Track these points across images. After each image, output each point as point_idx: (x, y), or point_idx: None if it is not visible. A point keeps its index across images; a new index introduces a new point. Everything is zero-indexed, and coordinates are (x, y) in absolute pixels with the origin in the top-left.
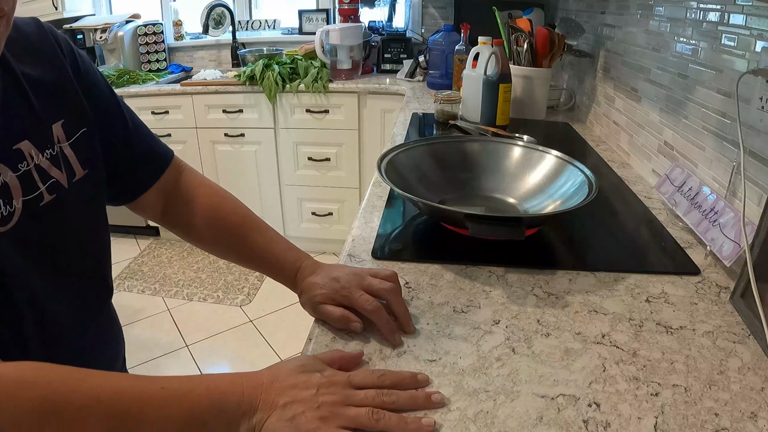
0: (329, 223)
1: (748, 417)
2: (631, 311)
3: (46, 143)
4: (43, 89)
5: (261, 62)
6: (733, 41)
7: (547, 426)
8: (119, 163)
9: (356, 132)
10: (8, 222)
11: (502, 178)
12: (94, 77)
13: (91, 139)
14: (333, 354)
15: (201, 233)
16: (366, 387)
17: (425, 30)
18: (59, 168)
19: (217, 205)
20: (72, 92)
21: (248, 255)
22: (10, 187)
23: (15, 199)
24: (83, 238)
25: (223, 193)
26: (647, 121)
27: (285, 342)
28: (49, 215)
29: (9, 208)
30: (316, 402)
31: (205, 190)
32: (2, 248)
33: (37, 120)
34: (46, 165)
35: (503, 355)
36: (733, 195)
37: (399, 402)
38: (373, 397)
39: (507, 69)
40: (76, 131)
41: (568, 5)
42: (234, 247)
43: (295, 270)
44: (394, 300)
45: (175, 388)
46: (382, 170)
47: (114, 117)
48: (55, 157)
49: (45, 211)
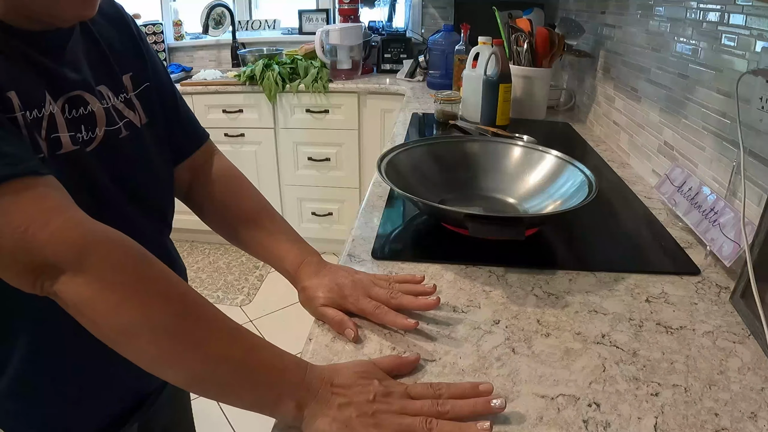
0: (329, 223)
1: (748, 417)
2: (631, 311)
3: (119, 89)
4: (116, 45)
5: (261, 62)
6: (733, 41)
7: (547, 426)
8: (166, 126)
9: (356, 132)
10: (89, 144)
11: (502, 178)
12: (149, 46)
13: (152, 93)
14: (391, 360)
15: (215, 215)
16: (424, 398)
17: (425, 30)
18: (132, 110)
19: (237, 194)
20: (137, 50)
21: (256, 245)
22: (96, 116)
23: (98, 127)
24: (150, 176)
25: (246, 183)
26: (647, 121)
27: (285, 342)
28: (125, 147)
29: (91, 134)
30: (371, 408)
31: (230, 176)
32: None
33: (111, 70)
34: (121, 107)
35: (503, 355)
36: (733, 195)
37: (455, 410)
38: (429, 407)
39: (507, 69)
40: (141, 84)
41: (568, 5)
42: (245, 236)
43: (297, 265)
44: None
45: (247, 335)
46: (382, 170)
47: (166, 84)
48: (128, 100)
49: (122, 144)
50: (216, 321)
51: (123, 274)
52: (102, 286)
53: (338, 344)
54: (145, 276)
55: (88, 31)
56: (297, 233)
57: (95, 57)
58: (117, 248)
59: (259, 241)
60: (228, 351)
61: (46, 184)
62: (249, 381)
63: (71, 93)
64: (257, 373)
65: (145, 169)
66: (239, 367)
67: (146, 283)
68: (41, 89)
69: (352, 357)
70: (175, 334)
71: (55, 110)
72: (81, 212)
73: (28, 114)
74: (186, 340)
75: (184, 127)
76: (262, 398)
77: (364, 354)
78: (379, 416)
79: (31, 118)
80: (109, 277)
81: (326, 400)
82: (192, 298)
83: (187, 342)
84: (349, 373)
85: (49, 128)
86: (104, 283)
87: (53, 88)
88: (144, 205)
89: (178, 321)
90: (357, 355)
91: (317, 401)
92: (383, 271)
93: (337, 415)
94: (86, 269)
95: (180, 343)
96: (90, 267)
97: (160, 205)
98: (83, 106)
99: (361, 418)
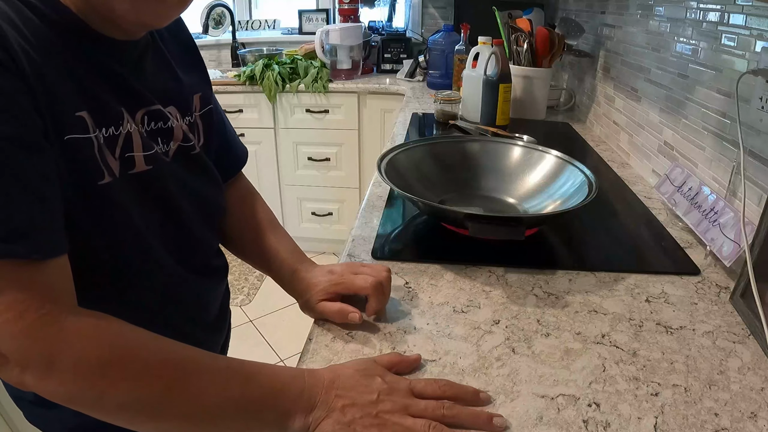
0: (329, 223)
1: (748, 417)
2: (631, 311)
3: (187, 110)
4: (183, 62)
5: (261, 62)
6: (733, 41)
7: (547, 426)
8: (218, 149)
9: (356, 132)
10: (166, 156)
11: (502, 178)
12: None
13: (212, 115)
14: (392, 357)
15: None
16: (427, 396)
17: (425, 30)
18: (193, 132)
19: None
20: (201, 68)
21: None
22: (173, 132)
23: (174, 141)
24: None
25: (257, 195)
26: (647, 121)
27: (285, 342)
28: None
29: (165, 148)
30: (375, 408)
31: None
32: (165, 173)
33: (181, 90)
34: (186, 128)
35: (503, 355)
36: (733, 195)
37: (459, 417)
38: (434, 409)
39: (507, 69)
40: (207, 105)
41: (568, 5)
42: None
43: (291, 272)
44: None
45: (239, 368)
46: (382, 170)
47: (218, 108)
48: (192, 123)
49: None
50: (205, 368)
51: (97, 368)
52: (78, 385)
53: (338, 344)
54: (122, 361)
55: (157, 47)
56: (294, 243)
57: (167, 75)
58: (89, 344)
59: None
60: (225, 393)
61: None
62: (253, 414)
63: (152, 107)
64: (259, 403)
65: (208, 181)
66: (240, 404)
67: (124, 368)
68: (119, 106)
69: (353, 357)
70: (171, 403)
71: (132, 128)
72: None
73: (103, 132)
74: (182, 403)
75: (232, 148)
76: (270, 423)
77: (364, 354)
78: (383, 416)
79: (106, 136)
80: (84, 375)
81: (329, 403)
82: (175, 358)
83: (183, 404)
84: (351, 372)
85: (125, 146)
86: (79, 383)
87: (133, 103)
88: (210, 217)
89: (167, 391)
90: (357, 355)
91: (320, 406)
92: None
93: (340, 417)
94: (57, 369)
95: (176, 407)
96: (61, 367)
97: (221, 215)
98: (163, 120)
99: (365, 419)
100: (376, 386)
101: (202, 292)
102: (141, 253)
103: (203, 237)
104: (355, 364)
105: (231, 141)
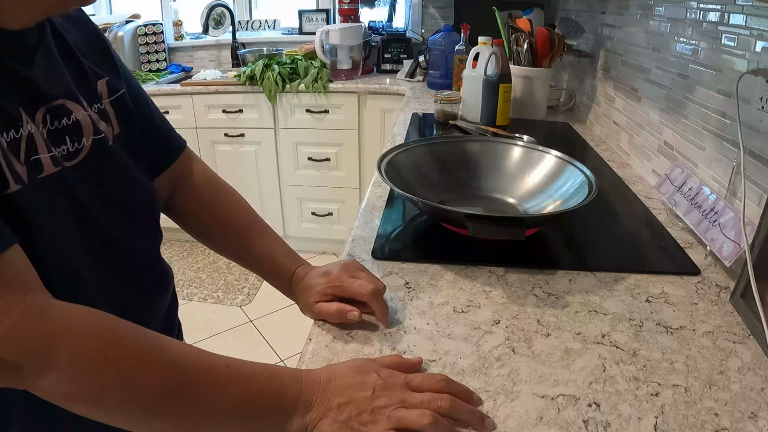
0: (329, 223)
1: (748, 417)
2: (631, 311)
3: (93, 98)
4: (86, 49)
5: (261, 62)
6: (733, 41)
7: (547, 426)
8: (143, 136)
9: (356, 132)
10: (75, 157)
11: (502, 178)
12: (115, 50)
13: (127, 101)
14: (392, 358)
15: (204, 229)
16: (424, 390)
17: (425, 30)
18: (106, 121)
19: (224, 204)
20: (107, 55)
21: (248, 258)
22: (82, 125)
23: (85, 137)
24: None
25: (231, 191)
26: (647, 121)
27: (285, 342)
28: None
29: (77, 145)
30: (370, 404)
31: (213, 184)
32: (74, 183)
33: (86, 76)
34: (95, 117)
35: (503, 355)
36: (733, 195)
37: (456, 411)
38: (429, 401)
39: (507, 69)
40: (117, 91)
41: (568, 5)
42: (236, 248)
43: (290, 275)
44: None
45: (240, 369)
46: (382, 170)
47: (139, 92)
48: (102, 110)
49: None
50: (205, 367)
51: (95, 364)
52: (77, 382)
53: (338, 344)
54: (119, 356)
55: (58, 34)
56: (287, 245)
57: (69, 62)
58: (83, 337)
59: (252, 257)
60: (225, 393)
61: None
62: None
63: (53, 103)
64: (259, 405)
65: (128, 182)
66: (239, 405)
67: (122, 363)
68: (16, 105)
69: (353, 357)
70: (170, 403)
71: (32, 129)
72: (42, 295)
73: (4, 137)
74: (182, 403)
75: (161, 136)
76: (269, 424)
77: (364, 354)
78: (379, 411)
79: (8, 140)
80: (82, 371)
81: (326, 403)
82: (172, 354)
83: (184, 404)
84: (346, 370)
85: (29, 150)
86: (78, 380)
87: (30, 100)
88: (133, 223)
89: (166, 390)
90: (357, 355)
91: (317, 406)
92: (383, 271)
93: (336, 415)
94: (54, 367)
95: (177, 407)
96: (58, 364)
97: (151, 220)
98: (66, 115)
99: (361, 415)
100: (371, 382)
101: (137, 308)
102: (60, 266)
103: (131, 246)
104: (351, 363)
105: (161, 127)
